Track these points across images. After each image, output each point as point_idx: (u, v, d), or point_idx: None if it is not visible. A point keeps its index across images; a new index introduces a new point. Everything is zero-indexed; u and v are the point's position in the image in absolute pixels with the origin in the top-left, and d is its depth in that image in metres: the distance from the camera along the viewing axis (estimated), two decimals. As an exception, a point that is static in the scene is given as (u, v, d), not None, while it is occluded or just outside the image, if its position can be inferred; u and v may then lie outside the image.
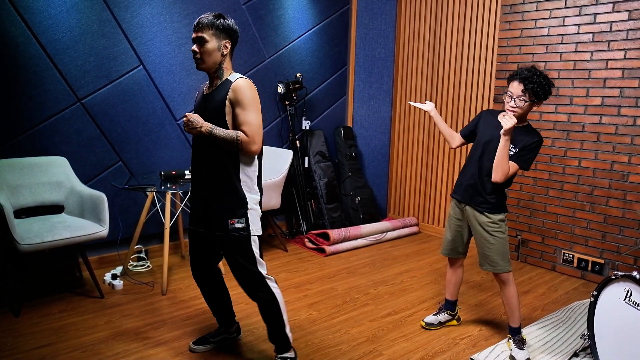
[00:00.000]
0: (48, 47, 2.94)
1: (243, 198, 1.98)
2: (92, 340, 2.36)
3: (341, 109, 4.71)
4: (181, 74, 3.53)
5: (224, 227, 1.98)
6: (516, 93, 2.15)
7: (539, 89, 2.13)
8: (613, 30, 3.17)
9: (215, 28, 1.92)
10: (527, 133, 2.23)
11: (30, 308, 2.67)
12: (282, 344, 2.12)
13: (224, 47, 1.95)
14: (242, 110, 1.91)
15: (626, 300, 2.00)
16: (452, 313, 2.64)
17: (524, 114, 2.19)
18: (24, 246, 2.46)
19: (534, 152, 2.21)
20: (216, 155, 1.97)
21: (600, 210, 3.31)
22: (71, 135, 3.10)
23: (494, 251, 2.30)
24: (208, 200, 2.03)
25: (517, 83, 2.15)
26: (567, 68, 3.40)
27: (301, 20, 4.22)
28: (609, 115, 3.23)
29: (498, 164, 2.17)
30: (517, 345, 2.31)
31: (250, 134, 1.91)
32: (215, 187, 2.00)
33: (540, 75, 2.14)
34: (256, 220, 2.03)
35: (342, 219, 4.42)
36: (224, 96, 1.93)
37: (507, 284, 2.32)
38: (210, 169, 2.00)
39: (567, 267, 3.51)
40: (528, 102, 2.15)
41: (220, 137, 1.91)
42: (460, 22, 4.05)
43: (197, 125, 1.92)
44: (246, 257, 2.01)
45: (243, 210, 1.98)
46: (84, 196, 2.89)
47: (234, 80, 1.94)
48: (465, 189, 2.37)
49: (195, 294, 2.94)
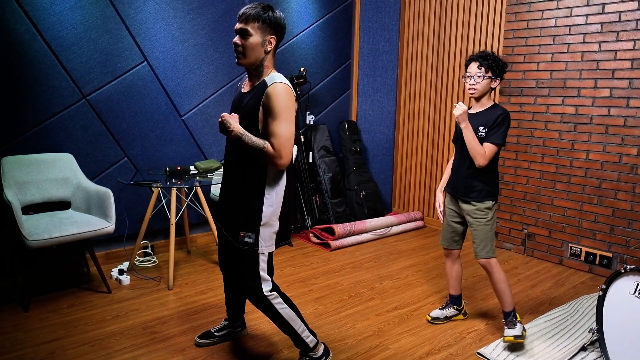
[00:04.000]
0: (53, 44, 2.95)
1: (258, 214, 1.86)
2: (100, 334, 2.38)
3: (345, 103, 4.69)
4: (185, 69, 3.52)
5: (234, 236, 1.91)
6: (474, 72, 2.27)
7: (493, 64, 2.25)
8: (622, 20, 3.12)
9: (262, 21, 1.76)
10: (491, 111, 2.31)
11: (39, 303, 2.69)
12: (302, 347, 2.07)
13: (268, 42, 1.80)
14: (273, 119, 1.75)
15: (636, 293, 1.98)
16: (458, 308, 2.64)
17: (483, 91, 2.29)
18: (32, 242, 2.48)
19: (502, 125, 2.26)
20: (243, 161, 1.86)
21: (608, 203, 3.28)
22: (77, 131, 3.11)
23: (477, 237, 2.35)
24: (227, 203, 1.98)
25: (473, 63, 2.28)
26: (574, 59, 3.36)
27: (305, 14, 4.20)
28: (618, 107, 3.19)
29: (471, 148, 2.25)
30: (508, 325, 2.35)
31: (278, 147, 1.75)
32: (235, 193, 1.92)
33: (493, 54, 2.30)
34: (268, 237, 1.91)
35: (346, 213, 4.41)
36: (258, 100, 1.78)
37: (490, 270, 2.36)
38: (235, 174, 1.92)
39: (575, 261, 3.49)
40: (486, 77, 2.25)
41: (249, 144, 1.77)
42: (466, 14, 4.01)
43: (229, 128, 1.78)
44: (250, 272, 1.92)
45: (255, 225, 1.87)
46: (91, 192, 2.90)
47: (270, 83, 1.77)
48: (453, 181, 2.45)
49: (201, 288, 2.96)
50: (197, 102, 3.62)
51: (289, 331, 2.02)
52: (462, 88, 4.10)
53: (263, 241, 1.90)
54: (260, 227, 1.88)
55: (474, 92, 2.29)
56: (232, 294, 2.30)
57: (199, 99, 3.63)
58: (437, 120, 4.33)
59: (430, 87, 4.36)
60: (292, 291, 2.96)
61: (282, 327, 2.02)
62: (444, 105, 4.26)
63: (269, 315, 2.00)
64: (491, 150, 2.25)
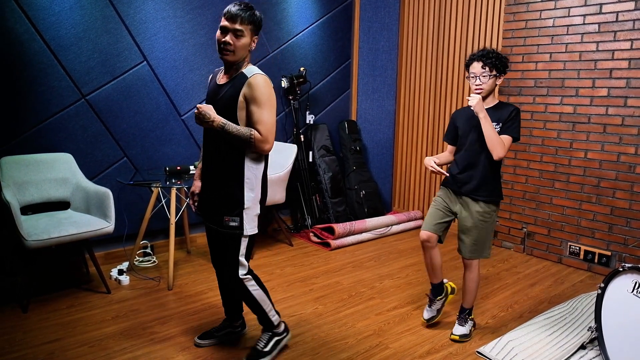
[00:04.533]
0: (52, 43, 2.94)
1: (240, 197, 1.96)
2: (100, 335, 2.38)
3: (345, 102, 4.70)
4: (185, 69, 3.52)
5: (219, 222, 1.99)
6: (478, 71, 2.25)
7: (497, 61, 2.24)
8: (619, 21, 3.13)
9: (253, 24, 1.88)
10: (501, 108, 2.31)
11: (38, 304, 2.69)
12: (265, 325, 2.22)
13: (253, 42, 1.92)
14: (257, 108, 1.87)
15: (634, 292, 1.99)
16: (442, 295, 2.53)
17: (489, 90, 2.28)
18: (31, 242, 2.47)
19: (515, 120, 2.27)
20: (223, 150, 1.95)
21: (606, 202, 3.29)
22: (76, 131, 3.11)
23: (477, 237, 2.34)
24: (208, 192, 2.05)
25: (476, 62, 2.26)
26: (572, 59, 3.37)
27: (304, 14, 4.20)
28: (616, 106, 3.20)
29: (490, 139, 2.21)
30: (460, 322, 2.42)
31: (264, 133, 1.88)
32: (217, 181, 2.00)
33: (494, 50, 2.28)
34: (251, 220, 2.01)
35: (346, 213, 4.41)
36: (238, 91, 1.89)
37: (473, 269, 2.40)
38: (216, 162, 2.00)
39: (574, 260, 3.50)
40: (491, 76, 2.25)
41: (233, 133, 1.86)
42: (465, 14, 4.02)
43: (209, 118, 1.86)
44: (232, 254, 2.01)
45: (239, 209, 1.97)
46: (90, 192, 2.90)
47: (251, 75, 1.89)
48: (460, 181, 2.38)
49: (201, 289, 2.96)
50: (197, 101, 3.62)
51: (258, 310, 2.15)
52: (461, 87, 4.11)
53: (247, 224, 2.00)
54: (243, 210, 1.98)
55: (480, 92, 2.26)
56: (225, 291, 2.32)
57: (198, 99, 3.62)
58: (437, 120, 4.34)
59: (429, 86, 4.37)
60: (292, 290, 2.96)
61: (252, 307, 2.14)
62: (444, 105, 4.27)
63: (242, 296, 2.13)
64: (509, 142, 2.25)
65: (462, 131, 2.40)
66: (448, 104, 4.21)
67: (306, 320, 2.60)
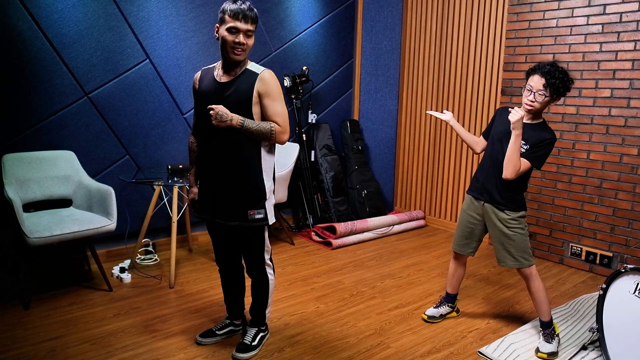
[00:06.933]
0: (55, 41, 2.94)
1: (263, 189, 2.02)
2: (101, 332, 2.38)
3: (347, 102, 4.69)
4: (187, 67, 3.52)
5: (243, 217, 2.01)
6: (536, 87, 2.09)
7: (560, 84, 2.07)
8: (623, 21, 3.12)
9: (257, 22, 1.94)
10: (540, 130, 2.17)
11: (40, 301, 2.69)
12: (258, 319, 2.27)
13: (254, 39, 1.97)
14: (272, 101, 1.94)
15: (636, 293, 1.99)
16: (452, 305, 2.65)
17: (540, 109, 2.15)
18: (33, 240, 2.48)
19: (545, 149, 2.14)
20: (238, 146, 1.96)
21: (609, 203, 3.29)
22: (79, 129, 3.11)
23: (514, 247, 2.29)
24: (224, 191, 2.02)
25: (539, 77, 2.08)
26: (576, 60, 3.36)
27: (307, 13, 4.20)
28: (619, 107, 3.20)
29: (509, 159, 2.12)
30: (545, 339, 2.29)
31: (283, 124, 1.95)
32: (235, 178, 1.99)
33: (562, 71, 2.09)
34: (271, 209, 2.10)
35: (348, 212, 4.41)
36: (251, 87, 1.92)
37: (531, 278, 2.31)
38: (228, 161, 1.98)
39: (575, 260, 3.49)
40: (548, 97, 2.09)
41: (254, 129, 1.91)
42: (468, 14, 4.01)
43: (227, 118, 1.88)
44: (259, 244, 2.10)
45: (263, 201, 2.03)
46: (92, 190, 2.90)
47: (260, 71, 1.94)
48: (482, 186, 2.33)
49: (202, 287, 2.96)
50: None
51: (262, 302, 2.21)
52: (463, 87, 4.10)
53: (269, 213, 2.07)
54: (266, 202, 2.04)
55: (531, 108, 2.11)
56: (230, 289, 2.32)
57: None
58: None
59: (432, 86, 4.36)
60: (293, 290, 2.97)
61: (260, 297, 2.20)
62: (446, 105, 4.26)
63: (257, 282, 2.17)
64: (526, 167, 2.14)
65: (495, 132, 2.29)
66: (450, 104, 4.20)
67: (307, 319, 2.60)
